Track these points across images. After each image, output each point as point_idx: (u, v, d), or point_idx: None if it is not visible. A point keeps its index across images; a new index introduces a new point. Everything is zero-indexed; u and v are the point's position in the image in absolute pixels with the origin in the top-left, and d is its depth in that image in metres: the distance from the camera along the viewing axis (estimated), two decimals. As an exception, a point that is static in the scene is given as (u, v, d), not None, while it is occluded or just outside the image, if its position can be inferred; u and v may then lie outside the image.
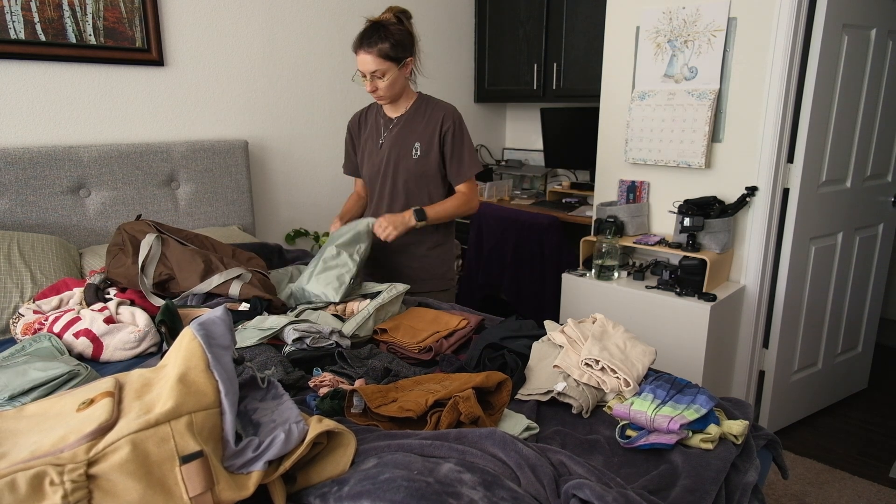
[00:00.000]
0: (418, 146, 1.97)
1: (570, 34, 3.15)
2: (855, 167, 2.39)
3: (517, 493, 0.85)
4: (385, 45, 1.83)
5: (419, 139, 1.97)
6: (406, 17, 1.92)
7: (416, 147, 1.97)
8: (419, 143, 1.97)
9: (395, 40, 1.84)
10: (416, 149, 1.97)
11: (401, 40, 1.85)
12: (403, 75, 1.92)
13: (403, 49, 1.87)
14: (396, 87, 1.92)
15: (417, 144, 1.97)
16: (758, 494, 1.12)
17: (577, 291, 2.52)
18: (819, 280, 2.44)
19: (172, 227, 1.87)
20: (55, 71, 2.13)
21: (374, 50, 1.83)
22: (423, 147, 1.96)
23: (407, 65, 1.91)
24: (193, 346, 0.86)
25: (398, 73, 1.88)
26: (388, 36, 1.83)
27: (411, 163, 1.97)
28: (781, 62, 2.14)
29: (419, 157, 1.97)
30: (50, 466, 0.70)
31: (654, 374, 1.30)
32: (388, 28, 1.84)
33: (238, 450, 0.81)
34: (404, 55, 1.88)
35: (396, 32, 1.85)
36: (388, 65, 1.85)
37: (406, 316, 1.65)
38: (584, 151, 3.21)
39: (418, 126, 1.98)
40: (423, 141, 1.97)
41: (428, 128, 1.96)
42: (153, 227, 1.82)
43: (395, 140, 2.00)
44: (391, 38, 1.83)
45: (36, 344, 1.39)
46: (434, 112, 1.97)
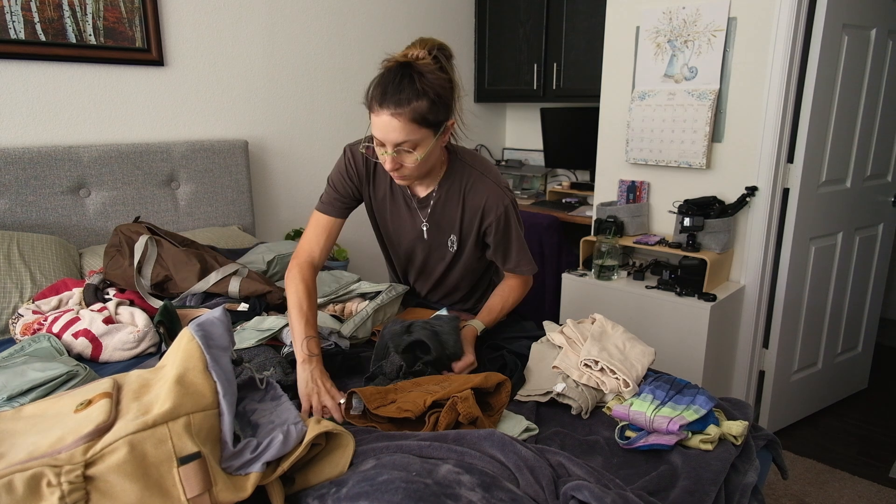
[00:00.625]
0: (454, 240, 1.54)
1: (570, 34, 3.15)
2: (855, 167, 2.38)
3: (516, 494, 0.85)
4: (422, 104, 1.23)
5: (454, 231, 1.52)
6: (446, 57, 1.32)
7: (451, 240, 1.54)
8: (454, 237, 1.53)
9: (434, 97, 1.25)
10: (451, 242, 1.54)
11: (441, 97, 1.26)
12: (440, 145, 1.35)
13: (445, 109, 1.29)
14: (431, 160, 1.35)
15: (453, 238, 1.53)
16: (757, 495, 1.12)
17: (577, 291, 2.52)
18: (819, 280, 2.44)
19: (167, 231, 1.87)
20: (55, 71, 2.12)
21: (407, 111, 1.23)
22: (459, 241, 1.54)
23: (447, 130, 1.33)
24: (192, 347, 0.85)
25: (435, 143, 1.31)
26: (426, 90, 1.24)
27: (447, 255, 1.58)
28: (781, 62, 2.14)
29: (455, 251, 1.56)
30: (47, 467, 0.70)
31: (653, 374, 1.30)
32: (426, 76, 1.25)
33: (236, 451, 0.81)
34: (445, 117, 1.30)
35: (436, 83, 1.25)
36: (423, 132, 1.27)
37: (405, 316, 1.65)
38: (584, 151, 3.21)
39: (452, 213, 1.50)
40: (458, 234, 1.53)
41: (465, 217, 1.50)
42: (147, 228, 1.82)
43: (434, 229, 1.54)
44: (430, 92, 1.24)
45: (35, 344, 1.39)
46: (473, 196, 1.46)
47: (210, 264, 1.77)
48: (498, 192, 1.46)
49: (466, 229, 1.52)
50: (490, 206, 1.46)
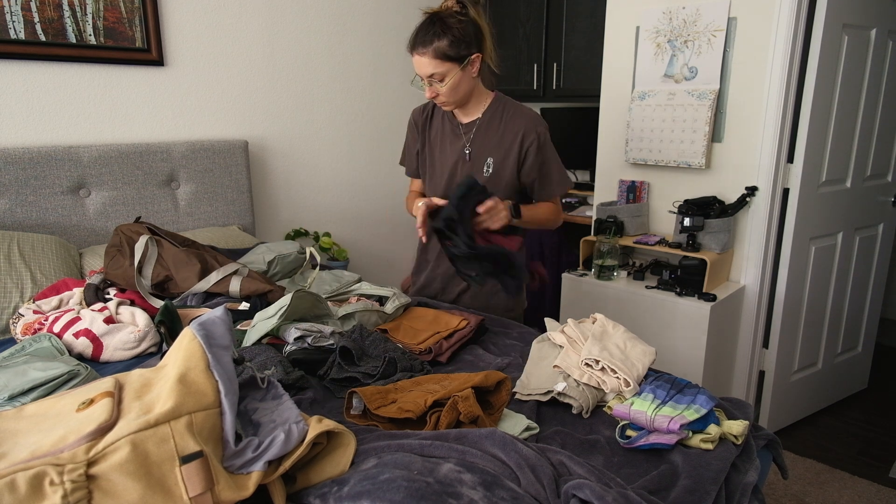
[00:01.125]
0: (490, 163, 1.69)
1: (570, 34, 3.15)
2: (855, 167, 2.39)
3: (517, 493, 0.85)
4: (443, 43, 1.53)
5: (492, 154, 1.69)
6: (473, 2, 1.59)
7: (487, 163, 1.69)
8: (492, 160, 1.69)
9: (455, 36, 1.53)
10: (487, 165, 1.69)
11: (463, 35, 1.54)
12: (469, 75, 1.61)
13: (467, 45, 1.56)
14: (461, 90, 1.62)
15: (490, 161, 1.69)
16: (758, 494, 1.12)
17: (577, 291, 2.52)
18: (819, 280, 2.44)
19: (167, 231, 1.87)
20: (55, 71, 2.13)
21: (430, 50, 1.53)
22: (495, 164, 1.68)
23: (473, 63, 1.59)
24: (193, 346, 0.86)
25: (461, 74, 1.58)
26: (446, 31, 1.53)
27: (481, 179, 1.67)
28: (781, 62, 2.14)
29: (490, 175, 1.69)
30: (50, 466, 0.70)
31: (654, 374, 1.30)
32: (447, 21, 1.53)
33: (238, 450, 0.81)
34: (468, 52, 1.57)
35: (456, 25, 1.53)
36: (447, 66, 1.55)
37: (406, 316, 1.65)
38: (584, 151, 3.21)
39: (493, 137, 1.69)
40: (497, 157, 1.68)
41: (504, 141, 1.68)
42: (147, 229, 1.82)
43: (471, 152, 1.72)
44: (450, 33, 1.53)
45: (36, 344, 1.39)
46: (513, 121, 1.67)
47: (210, 264, 1.77)
48: (536, 118, 1.67)
49: (504, 153, 1.68)
50: (529, 128, 1.66)
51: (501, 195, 1.64)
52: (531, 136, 1.65)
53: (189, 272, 1.72)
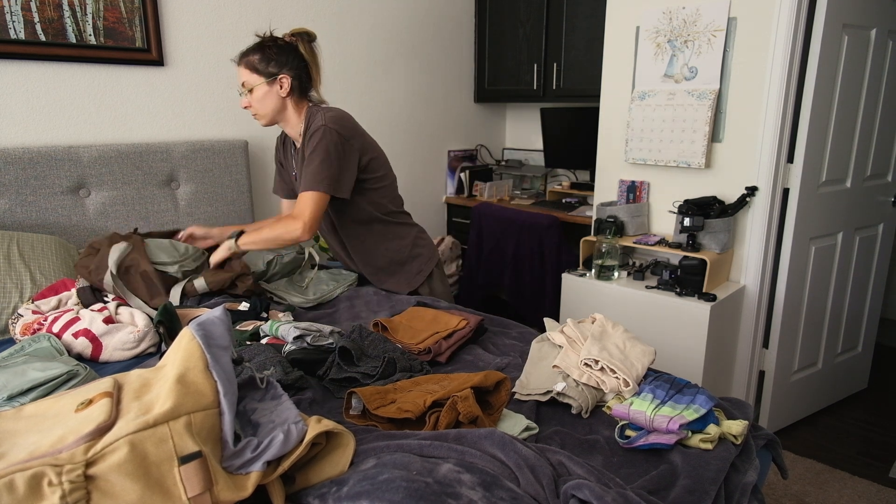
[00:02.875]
0: None
1: (570, 34, 3.15)
2: (855, 167, 2.38)
3: (516, 493, 0.85)
4: (254, 57, 1.74)
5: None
6: (306, 40, 1.80)
7: None
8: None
9: (267, 55, 1.74)
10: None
11: (275, 56, 1.74)
12: (276, 93, 1.77)
13: (277, 65, 1.75)
14: (267, 105, 1.78)
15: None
16: (757, 494, 1.12)
17: (577, 291, 2.52)
18: (819, 280, 2.44)
19: (158, 232, 1.96)
20: (55, 71, 2.12)
21: (244, 61, 1.75)
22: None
23: (280, 82, 1.76)
24: (192, 346, 0.86)
25: (267, 88, 1.76)
26: (260, 49, 1.74)
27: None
28: (781, 62, 2.14)
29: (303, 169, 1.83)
30: (48, 467, 0.70)
31: (653, 374, 1.30)
32: (265, 42, 1.76)
33: (237, 450, 0.81)
34: (276, 71, 1.75)
35: (272, 47, 1.75)
36: (254, 77, 1.75)
37: (406, 316, 1.65)
38: (584, 151, 3.21)
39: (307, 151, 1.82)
40: None
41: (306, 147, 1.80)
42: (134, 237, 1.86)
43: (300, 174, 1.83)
44: (262, 51, 1.74)
45: (35, 344, 1.39)
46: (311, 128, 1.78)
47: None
48: (320, 119, 1.75)
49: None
50: (311, 128, 1.75)
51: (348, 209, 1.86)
52: (309, 134, 1.76)
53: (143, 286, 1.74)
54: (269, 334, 1.48)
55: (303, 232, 1.70)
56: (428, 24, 3.34)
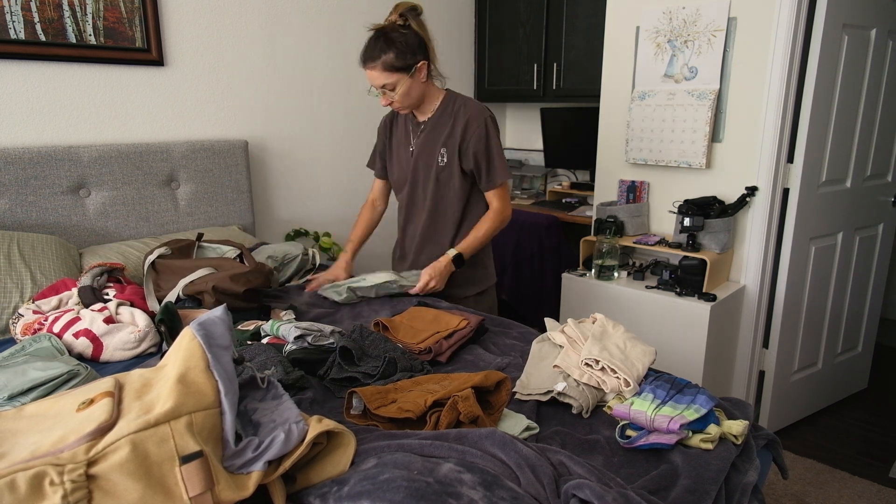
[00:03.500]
0: (444, 153, 1.85)
1: (570, 34, 3.15)
2: (855, 167, 2.39)
3: (517, 493, 0.85)
4: (389, 56, 1.70)
5: (445, 145, 1.85)
6: (414, 15, 1.76)
7: (441, 154, 1.86)
8: (445, 150, 1.85)
9: (399, 48, 1.70)
10: (441, 155, 1.85)
11: (406, 46, 1.72)
12: (418, 81, 1.78)
13: (412, 54, 1.73)
14: (413, 95, 1.79)
15: (443, 151, 1.85)
16: (757, 494, 1.12)
17: (577, 291, 2.52)
18: (819, 280, 2.44)
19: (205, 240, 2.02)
20: (55, 71, 2.12)
21: (378, 64, 1.71)
22: (448, 153, 1.85)
23: (419, 70, 1.76)
24: (193, 346, 0.85)
25: (410, 81, 1.75)
26: (390, 45, 1.70)
27: (437, 171, 1.87)
28: (781, 62, 2.14)
29: (445, 164, 1.86)
30: (50, 466, 0.70)
31: (654, 374, 1.30)
32: (390, 35, 1.71)
33: (238, 450, 0.81)
34: (413, 61, 1.74)
35: (399, 38, 1.71)
36: (396, 76, 1.73)
37: (406, 316, 1.65)
38: (584, 151, 3.21)
39: (444, 130, 1.86)
40: (449, 146, 1.85)
41: (454, 132, 1.84)
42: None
43: (423, 147, 1.89)
44: (394, 46, 1.70)
45: (36, 344, 1.39)
46: (460, 113, 1.83)
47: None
48: (479, 110, 1.83)
49: (455, 141, 1.83)
50: (472, 119, 1.81)
51: (456, 183, 1.88)
52: (474, 125, 1.80)
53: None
54: (270, 334, 1.48)
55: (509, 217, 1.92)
56: (428, 24, 3.33)
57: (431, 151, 1.87)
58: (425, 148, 1.88)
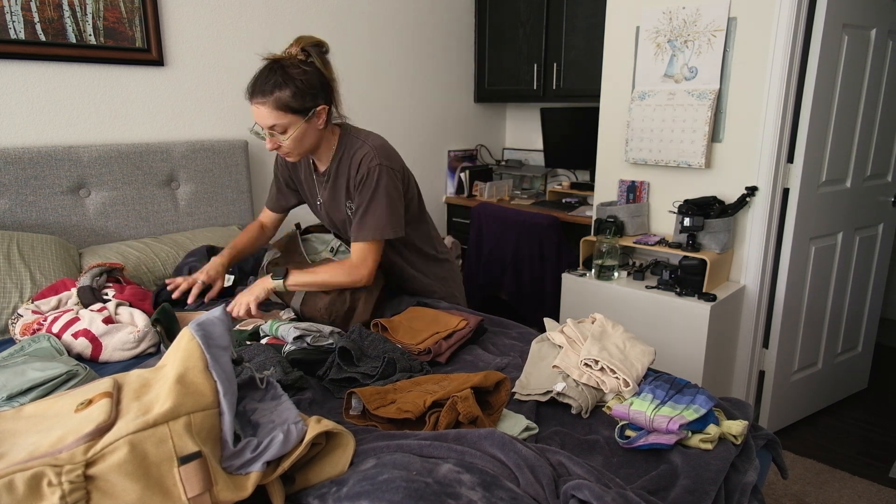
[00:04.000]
0: (350, 205, 1.67)
1: (570, 34, 3.15)
2: (855, 167, 2.38)
3: (516, 493, 0.85)
4: (285, 94, 1.45)
5: (349, 196, 1.66)
6: (318, 52, 1.53)
7: (348, 206, 1.68)
8: (349, 202, 1.67)
9: (298, 87, 1.46)
10: (349, 208, 1.67)
11: (307, 85, 1.48)
12: (314, 128, 1.54)
13: (312, 96, 1.49)
14: (306, 143, 1.55)
15: (349, 203, 1.67)
16: (757, 494, 1.12)
17: (577, 291, 2.52)
18: (819, 280, 2.44)
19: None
20: (55, 71, 2.12)
21: (270, 100, 1.46)
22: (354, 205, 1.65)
23: (318, 115, 1.52)
24: (192, 346, 0.85)
25: (305, 126, 1.51)
26: (288, 81, 1.46)
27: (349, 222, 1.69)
28: (781, 62, 2.14)
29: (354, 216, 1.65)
30: (48, 467, 0.70)
31: (653, 374, 1.30)
32: (288, 71, 1.46)
33: (236, 450, 0.81)
34: (313, 104, 1.50)
35: (300, 76, 1.47)
36: (289, 118, 1.48)
37: (406, 316, 1.65)
38: (584, 151, 3.21)
39: (343, 179, 1.65)
40: (351, 198, 1.66)
41: (350, 182, 1.63)
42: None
43: (329, 201, 1.72)
44: (292, 84, 1.46)
45: (35, 344, 1.39)
46: (354, 161, 1.61)
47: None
48: (370, 154, 1.58)
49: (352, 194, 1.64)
50: (363, 164, 1.58)
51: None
52: (362, 171, 1.58)
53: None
54: (269, 334, 1.48)
55: (367, 281, 1.61)
56: (428, 24, 3.34)
57: (338, 205, 1.71)
58: (332, 201, 1.72)
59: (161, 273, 2.05)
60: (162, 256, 2.09)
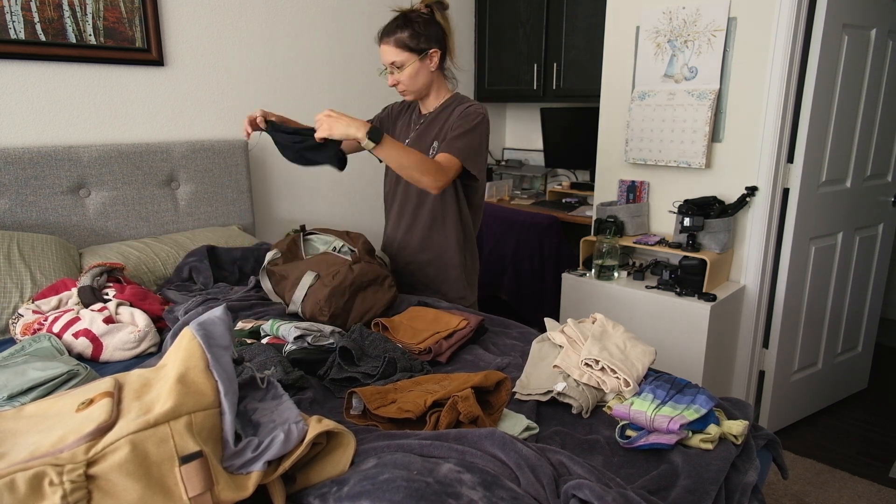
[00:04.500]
0: (435, 146, 1.82)
1: (570, 34, 3.15)
2: (855, 167, 2.39)
3: (517, 493, 0.85)
4: (404, 35, 1.72)
5: (437, 138, 1.83)
6: (440, 8, 1.78)
7: (433, 147, 1.83)
8: (436, 143, 1.82)
9: (415, 30, 1.73)
10: (433, 148, 1.83)
11: (423, 29, 1.74)
12: (427, 68, 1.79)
13: (427, 39, 1.75)
14: (419, 81, 1.80)
15: (435, 144, 1.83)
16: (757, 494, 1.12)
17: (577, 291, 2.52)
18: (819, 280, 2.44)
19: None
20: (55, 71, 2.12)
21: (392, 39, 1.73)
22: (439, 146, 1.80)
23: (431, 57, 1.77)
24: (193, 346, 0.85)
25: (419, 64, 1.76)
26: (408, 24, 1.73)
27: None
28: (781, 62, 2.14)
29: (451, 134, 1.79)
30: (49, 467, 0.69)
31: (653, 374, 1.30)
32: (410, 16, 1.74)
33: (237, 450, 0.81)
34: (427, 45, 1.75)
35: (418, 20, 1.73)
36: (406, 55, 1.74)
37: (406, 316, 1.65)
38: (584, 151, 3.21)
39: (440, 123, 1.85)
40: (440, 139, 1.82)
41: (447, 124, 1.82)
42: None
43: (418, 138, 1.88)
44: (412, 27, 1.72)
45: (35, 344, 1.39)
46: (458, 109, 1.81)
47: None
48: (481, 108, 1.80)
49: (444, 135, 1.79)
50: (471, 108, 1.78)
51: None
52: (464, 113, 1.76)
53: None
54: (270, 334, 1.48)
55: (439, 188, 1.67)
56: (428, 24, 3.34)
57: (424, 144, 1.86)
58: (419, 140, 1.87)
59: (161, 273, 2.05)
60: (162, 256, 2.09)
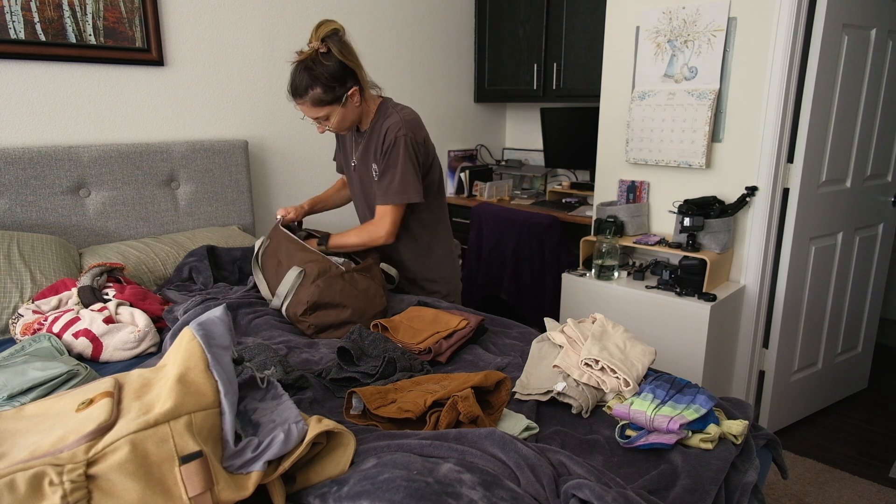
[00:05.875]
0: (375, 168, 1.82)
1: (570, 34, 3.15)
2: (855, 167, 2.38)
3: (517, 493, 0.85)
4: (316, 92, 1.65)
5: (375, 160, 1.82)
6: (336, 41, 1.66)
7: (374, 170, 1.83)
8: (375, 166, 1.82)
9: (325, 82, 1.65)
10: (375, 171, 1.83)
11: (331, 79, 1.65)
12: (352, 107, 1.74)
13: (340, 84, 1.68)
14: (348, 119, 1.76)
15: (374, 167, 1.83)
16: (757, 494, 1.12)
17: (577, 291, 2.52)
18: (819, 280, 2.44)
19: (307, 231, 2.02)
20: (55, 71, 2.12)
21: (307, 100, 1.67)
22: (378, 168, 1.82)
23: (351, 97, 1.71)
24: (193, 346, 0.86)
25: (343, 110, 1.71)
26: (315, 80, 1.64)
27: (373, 186, 1.85)
28: (781, 62, 2.14)
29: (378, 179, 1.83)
30: (49, 466, 0.70)
31: (653, 373, 1.30)
32: (313, 71, 1.64)
33: (237, 450, 0.81)
34: (343, 91, 1.69)
35: (323, 73, 1.64)
36: (327, 108, 1.69)
37: (406, 316, 1.65)
38: (584, 151, 3.21)
39: (373, 144, 1.82)
40: (378, 161, 1.81)
41: (379, 145, 1.79)
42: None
43: (360, 161, 1.88)
44: (320, 80, 1.64)
45: (35, 344, 1.39)
46: (383, 128, 1.78)
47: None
48: (398, 124, 1.75)
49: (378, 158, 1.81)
50: (389, 131, 1.75)
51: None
52: (389, 138, 1.75)
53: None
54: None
55: (386, 238, 1.82)
56: (428, 24, 3.34)
57: (367, 167, 1.87)
58: (364, 158, 1.87)
59: (161, 273, 2.05)
60: (162, 256, 2.09)
